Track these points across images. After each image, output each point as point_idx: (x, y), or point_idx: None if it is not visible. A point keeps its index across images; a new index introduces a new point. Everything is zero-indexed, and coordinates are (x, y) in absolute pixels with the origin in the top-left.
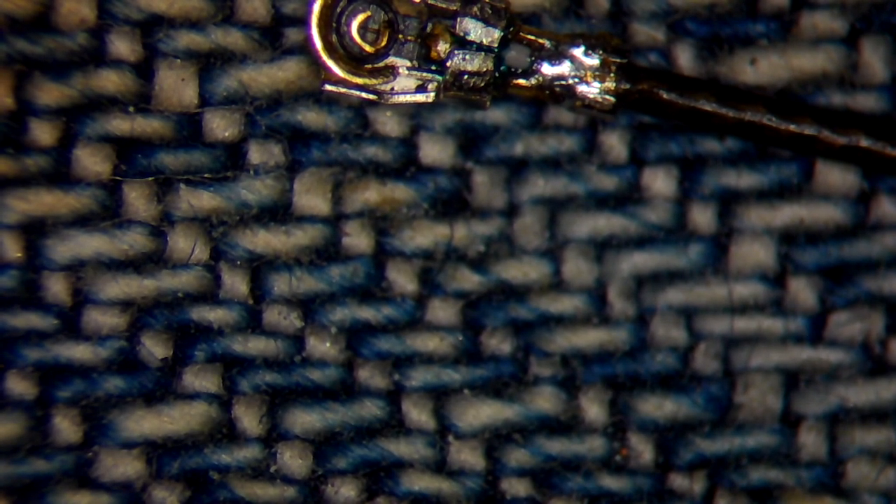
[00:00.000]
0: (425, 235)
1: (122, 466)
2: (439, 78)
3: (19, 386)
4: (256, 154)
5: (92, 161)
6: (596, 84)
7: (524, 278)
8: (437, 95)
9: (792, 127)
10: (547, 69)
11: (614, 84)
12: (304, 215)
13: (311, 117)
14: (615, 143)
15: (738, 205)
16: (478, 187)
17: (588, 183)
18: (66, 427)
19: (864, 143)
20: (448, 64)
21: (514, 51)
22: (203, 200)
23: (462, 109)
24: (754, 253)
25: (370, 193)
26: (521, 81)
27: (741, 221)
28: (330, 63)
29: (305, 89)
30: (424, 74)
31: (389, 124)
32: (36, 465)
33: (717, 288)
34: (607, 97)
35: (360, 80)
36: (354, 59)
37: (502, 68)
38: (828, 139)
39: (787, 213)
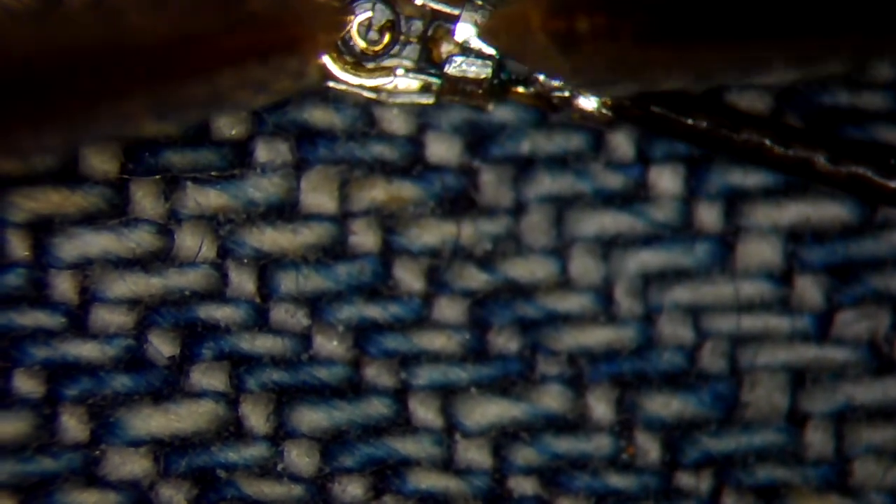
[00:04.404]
0: (432, 234)
1: (130, 465)
2: (439, 81)
3: (26, 384)
4: (263, 152)
5: (99, 159)
6: (594, 98)
7: (531, 277)
8: (437, 97)
9: (790, 153)
10: (546, 79)
11: (612, 98)
12: (311, 213)
13: (317, 115)
14: (622, 142)
15: (744, 203)
16: (485, 186)
17: (595, 181)
18: (73, 425)
19: (862, 171)
20: (447, 69)
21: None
22: (210, 198)
23: (469, 107)
24: (761, 251)
25: (377, 192)
26: (521, 90)
27: (748, 220)
28: (331, 62)
29: (312, 87)
30: (425, 77)
31: (396, 123)
32: (43, 463)
33: (724, 286)
34: (604, 111)
35: (361, 80)
36: (356, 59)
37: (502, 75)
38: (825, 168)
39: (794, 212)
